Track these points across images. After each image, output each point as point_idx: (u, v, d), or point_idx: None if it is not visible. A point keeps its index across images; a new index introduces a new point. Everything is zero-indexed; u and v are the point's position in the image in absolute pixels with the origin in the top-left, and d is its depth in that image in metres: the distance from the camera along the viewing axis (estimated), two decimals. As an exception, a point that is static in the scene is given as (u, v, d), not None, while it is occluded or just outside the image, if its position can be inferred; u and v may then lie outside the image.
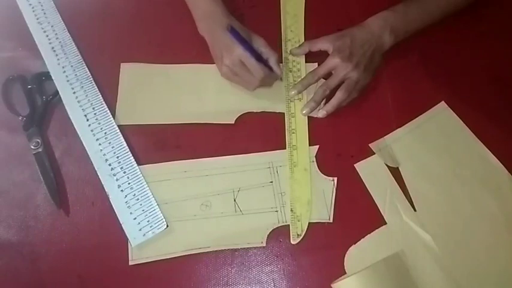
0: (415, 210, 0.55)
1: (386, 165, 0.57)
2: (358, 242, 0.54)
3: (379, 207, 0.55)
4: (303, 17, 0.66)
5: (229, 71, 0.57)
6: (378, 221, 0.55)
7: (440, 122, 0.60)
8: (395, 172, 0.57)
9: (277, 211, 0.55)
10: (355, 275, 0.50)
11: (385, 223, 0.55)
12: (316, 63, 0.62)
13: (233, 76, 0.58)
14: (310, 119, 0.60)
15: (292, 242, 0.54)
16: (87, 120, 0.58)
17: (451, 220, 0.55)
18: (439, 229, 0.54)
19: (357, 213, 0.55)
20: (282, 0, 0.67)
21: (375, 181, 0.57)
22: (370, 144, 0.58)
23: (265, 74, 0.56)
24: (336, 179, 0.57)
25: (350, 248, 0.53)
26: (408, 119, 0.60)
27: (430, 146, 0.59)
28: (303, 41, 0.64)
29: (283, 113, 0.60)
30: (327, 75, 0.59)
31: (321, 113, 0.59)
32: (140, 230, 0.53)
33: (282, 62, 0.63)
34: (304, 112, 0.59)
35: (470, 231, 0.55)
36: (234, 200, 0.56)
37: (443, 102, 0.61)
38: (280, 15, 0.66)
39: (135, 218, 0.54)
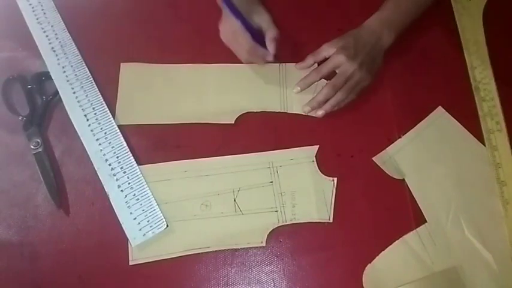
0: (425, 221, 0.54)
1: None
2: (373, 261, 0.53)
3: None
4: (484, 42, 0.63)
5: (223, 37, 0.59)
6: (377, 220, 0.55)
7: (440, 127, 0.60)
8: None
9: (277, 211, 0.55)
10: (410, 284, 0.49)
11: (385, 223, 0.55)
12: (316, 65, 0.62)
13: (227, 42, 0.59)
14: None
15: None
16: (87, 120, 0.58)
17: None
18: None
19: (356, 213, 0.55)
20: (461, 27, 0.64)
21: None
22: (373, 158, 0.58)
23: (250, 45, 0.56)
24: (335, 179, 0.57)
25: (366, 267, 0.52)
26: (408, 118, 0.60)
27: (432, 153, 0.58)
28: (489, 65, 0.62)
29: (283, 113, 0.60)
30: (331, 75, 0.58)
31: (320, 112, 0.59)
32: (140, 230, 0.53)
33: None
34: (305, 110, 0.59)
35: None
36: (234, 200, 0.56)
37: (440, 107, 0.61)
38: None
39: (135, 218, 0.54)
